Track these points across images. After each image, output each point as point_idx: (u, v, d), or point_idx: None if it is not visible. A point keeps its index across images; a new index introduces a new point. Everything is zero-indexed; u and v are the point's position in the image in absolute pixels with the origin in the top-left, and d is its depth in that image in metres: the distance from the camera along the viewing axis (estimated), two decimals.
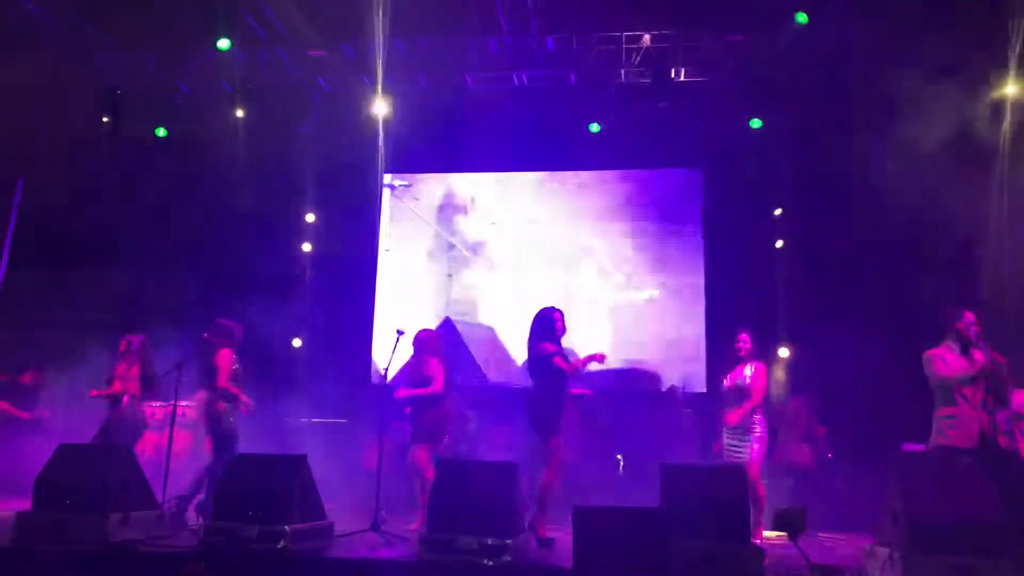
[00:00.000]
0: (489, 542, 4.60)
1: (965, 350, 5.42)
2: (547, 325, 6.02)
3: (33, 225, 9.41)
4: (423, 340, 6.69)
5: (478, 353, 9.98)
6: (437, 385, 6.40)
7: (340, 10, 8.80)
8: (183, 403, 7.65)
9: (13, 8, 8.41)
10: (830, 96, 8.96)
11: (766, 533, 5.94)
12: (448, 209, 10.58)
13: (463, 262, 10.40)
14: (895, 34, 8.31)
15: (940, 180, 8.09)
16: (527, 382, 6.15)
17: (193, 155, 9.84)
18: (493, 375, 9.84)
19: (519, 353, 9.86)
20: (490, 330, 10.10)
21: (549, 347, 5.91)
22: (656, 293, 9.87)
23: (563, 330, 6.09)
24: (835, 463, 7.90)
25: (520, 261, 10.30)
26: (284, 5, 8.71)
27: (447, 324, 10.06)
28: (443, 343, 6.92)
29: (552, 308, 6.12)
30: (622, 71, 9.32)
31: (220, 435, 6.42)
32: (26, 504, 5.23)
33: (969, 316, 5.48)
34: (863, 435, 7.89)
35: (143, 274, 9.78)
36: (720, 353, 7.46)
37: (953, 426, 5.31)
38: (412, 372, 6.63)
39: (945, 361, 5.40)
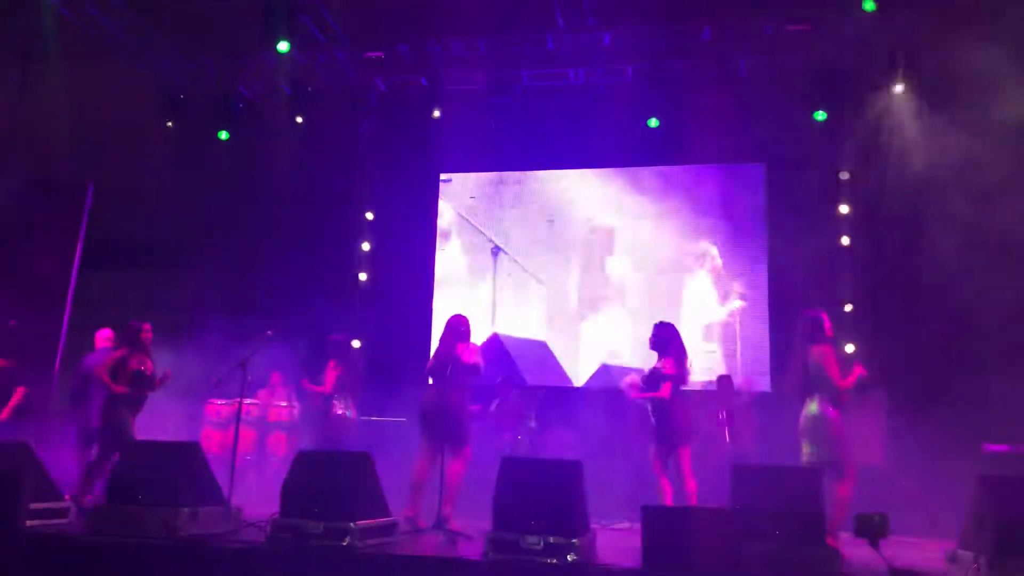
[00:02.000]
0: (554, 541, 4.53)
1: None
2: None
3: (101, 229, 9.64)
4: (454, 326, 6.45)
5: (525, 367, 9.91)
6: (470, 356, 6.26)
7: (397, 10, 8.86)
8: (247, 401, 7.80)
9: (79, 15, 8.63)
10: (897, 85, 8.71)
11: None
12: (503, 207, 10.54)
13: (516, 261, 10.34)
14: (964, 20, 8.03)
15: (1013, 170, 7.81)
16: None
17: (254, 157, 9.99)
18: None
19: (570, 363, 9.82)
20: (541, 345, 10.02)
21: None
22: (717, 291, 9.67)
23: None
24: (905, 464, 7.64)
25: (575, 260, 10.21)
26: (341, 7, 8.79)
27: (494, 340, 10.02)
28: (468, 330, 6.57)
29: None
30: (681, 64, 9.18)
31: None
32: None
33: None
34: (934, 435, 7.61)
35: (207, 276, 9.95)
36: (784, 352, 7.29)
37: None
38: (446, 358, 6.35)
39: None
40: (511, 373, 9.19)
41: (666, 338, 6.38)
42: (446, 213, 10.67)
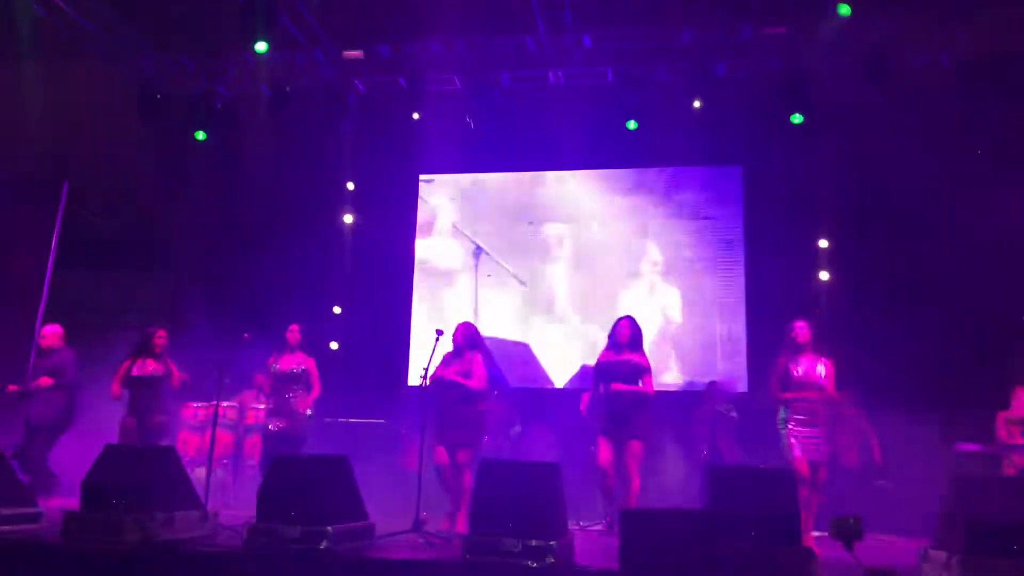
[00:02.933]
0: (533, 543, 4.53)
1: None
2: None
3: (76, 228, 9.54)
4: (464, 334, 6.58)
5: (508, 368, 9.88)
6: (479, 380, 6.33)
7: (376, 11, 8.83)
8: (224, 404, 7.75)
9: (54, 13, 8.53)
10: (873, 90, 8.79)
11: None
12: (482, 210, 10.53)
13: (495, 262, 10.34)
14: (940, 24, 8.13)
15: (992, 177, 7.92)
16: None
17: (232, 157, 9.92)
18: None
19: (552, 367, 9.83)
20: (523, 346, 10.02)
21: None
22: (693, 292, 9.74)
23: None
24: (883, 463, 7.72)
25: (553, 261, 10.23)
26: (320, 6, 8.74)
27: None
28: (482, 338, 6.77)
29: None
30: (660, 67, 9.22)
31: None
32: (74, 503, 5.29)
33: None
34: (910, 435, 7.70)
35: (184, 276, 9.88)
36: (761, 353, 7.34)
37: None
38: (451, 367, 6.49)
39: None
40: (496, 377, 9.19)
41: (639, 332, 6.42)
42: (427, 214, 10.65)
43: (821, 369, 6.12)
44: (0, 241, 9.02)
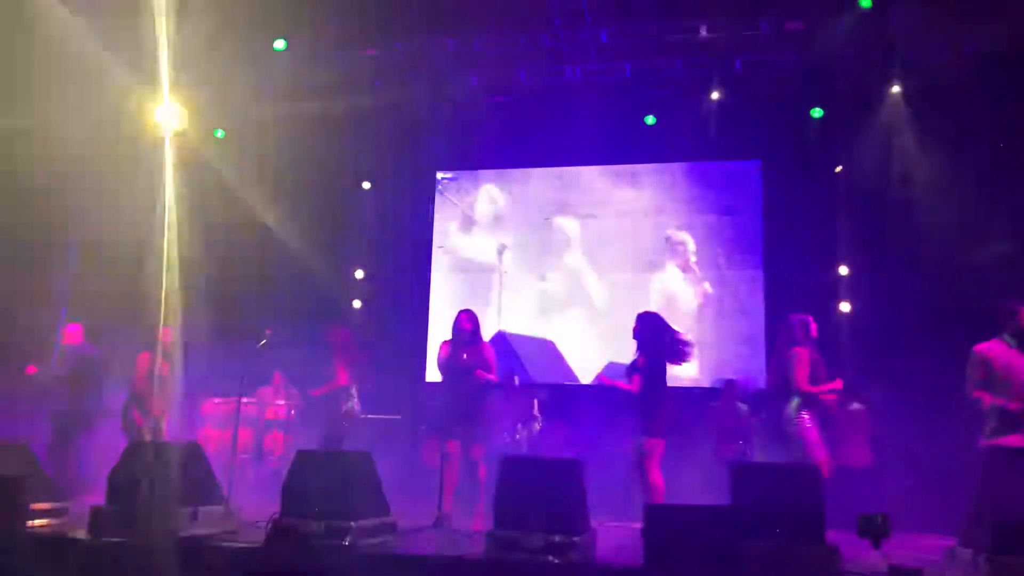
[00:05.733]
0: (556, 540, 4.53)
1: (1022, 344, 5.21)
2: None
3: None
4: (472, 320, 6.41)
5: (533, 365, 9.92)
6: (486, 363, 6.26)
7: (393, 8, 8.83)
8: (245, 400, 7.79)
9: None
10: (893, 84, 8.74)
11: None
12: (502, 207, 10.54)
13: (514, 259, 10.35)
14: (961, 19, 8.06)
15: (1015, 171, 7.86)
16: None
17: (251, 152, 9.93)
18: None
19: (577, 360, 9.83)
20: (548, 343, 10.03)
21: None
22: (712, 287, 9.72)
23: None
24: (897, 462, 7.67)
25: (574, 257, 10.22)
26: (339, 5, 8.75)
27: (500, 337, 10.02)
28: (479, 327, 6.53)
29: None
30: (679, 62, 9.18)
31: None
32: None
33: None
34: (936, 432, 7.64)
35: (205, 272, 9.90)
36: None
37: (1007, 424, 5.08)
38: (455, 358, 6.34)
39: (997, 355, 5.20)
40: (517, 371, 9.18)
41: (640, 329, 6.31)
42: (446, 211, 10.67)
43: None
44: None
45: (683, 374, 9.22)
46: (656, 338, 6.16)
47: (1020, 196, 7.83)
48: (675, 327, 6.34)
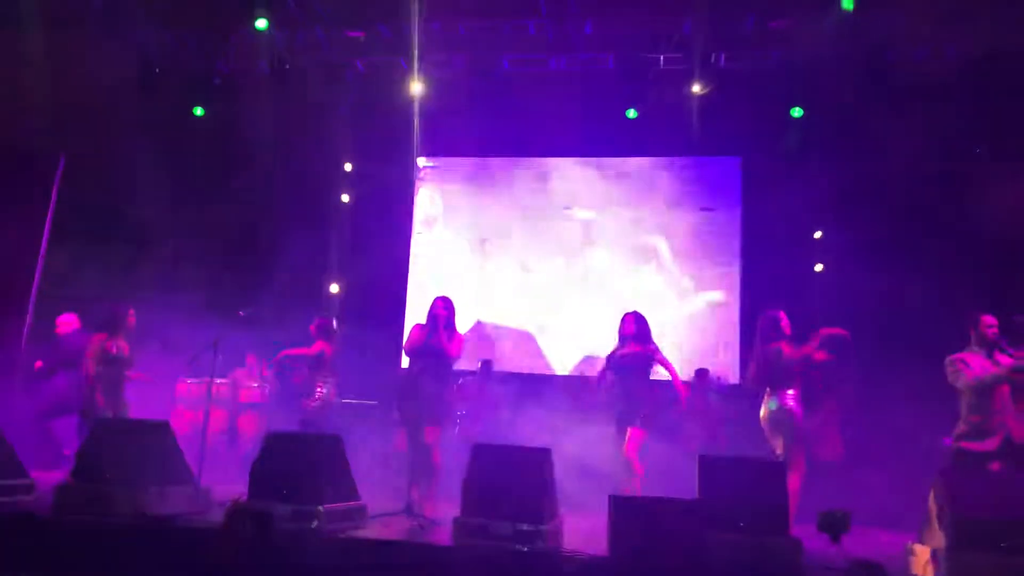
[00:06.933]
0: (523, 528, 4.57)
1: (990, 353, 5.32)
2: None
3: (73, 202, 9.48)
4: (445, 306, 6.36)
5: (510, 356, 9.92)
6: (457, 348, 6.24)
7: None
8: (219, 381, 7.75)
9: None
10: (874, 84, 8.78)
11: None
12: (481, 194, 10.52)
13: (494, 248, 10.35)
14: (942, 20, 8.11)
15: (991, 174, 7.94)
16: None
17: (230, 134, 9.86)
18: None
19: (554, 351, 9.85)
20: (526, 335, 10.03)
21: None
22: (690, 282, 9.77)
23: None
24: (866, 456, 7.76)
25: (554, 247, 10.23)
26: None
27: (477, 327, 10.02)
28: (454, 314, 6.46)
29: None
30: (662, 56, 9.19)
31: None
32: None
33: (988, 319, 5.42)
34: (895, 428, 7.74)
35: (179, 253, 9.83)
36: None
37: (978, 430, 5.24)
38: (426, 340, 6.28)
39: (968, 364, 5.32)
40: (489, 360, 9.18)
41: (645, 325, 6.44)
42: (426, 199, 10.64)
43: None
44: None
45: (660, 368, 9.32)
46: (648, 334, 6.42)
47: (1000, 194, 7.90)
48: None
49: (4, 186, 9.04)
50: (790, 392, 5.82)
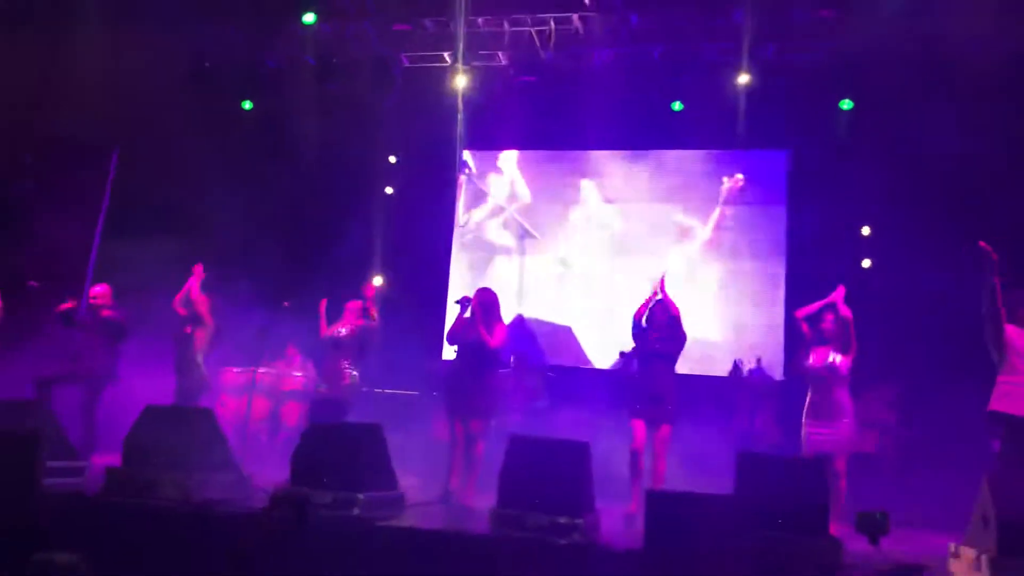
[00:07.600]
0: (560, 520, 4.58)
1: None
2: None
3: (126, 195, 9.73)
4: (483, 298, 6.43)
5: (550, 350, 9.91)
6: (498, 339, 6.26)
7: None
8: (262, 370, 7.89)
9: None
10: (927, 77, 8.57)
11: None
12: (526, 189, 10.53)
13: (537, 243, 10.35)
14: (996, 14, 7.88)
15: None
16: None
17: (278, 127, 10.00)
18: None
19: (593, 345, 9.82)
20: (566, 329, 10.02)
21: None
22: (734, 279, 9.65)
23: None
24: (909, 454, 7.61)
25: (596, 242, 10.20)
26: None
27: (518, 320, 10.04)
28: (497, 306, 6.55)
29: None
30: (708, 48, 9.07)
31: None
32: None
33: None
34: (942, 426, 7.57)
35: (228, 245, 10.01)
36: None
37: (1011, 393, 5.24)
38: (466, 332, 6.37)
39: (1012, 338, 5.39)
40: (530, 353, 9.20)
41: (673, 312, 6.45)
42: (470, 191, 10.69)
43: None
44: (49, 206, 9.21)
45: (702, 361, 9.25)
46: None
47: None
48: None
49: (60, 179, 9.32)
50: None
